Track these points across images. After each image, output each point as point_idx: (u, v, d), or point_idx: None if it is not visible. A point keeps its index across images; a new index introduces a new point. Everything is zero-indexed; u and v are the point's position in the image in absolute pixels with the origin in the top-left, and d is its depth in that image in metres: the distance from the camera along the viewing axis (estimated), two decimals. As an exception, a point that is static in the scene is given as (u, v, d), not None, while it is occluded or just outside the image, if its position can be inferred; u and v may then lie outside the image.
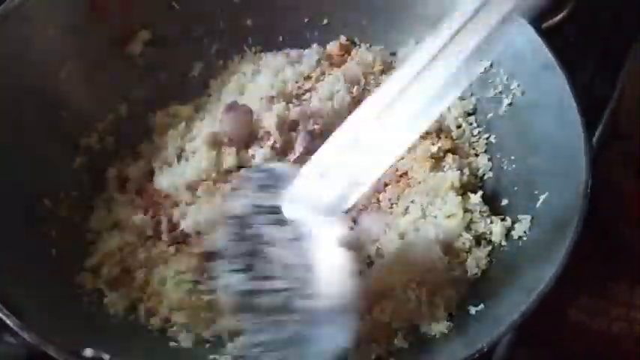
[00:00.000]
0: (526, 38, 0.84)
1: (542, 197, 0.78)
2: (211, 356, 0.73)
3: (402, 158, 0.84)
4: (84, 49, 0.88)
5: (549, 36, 0.83)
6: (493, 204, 0.85)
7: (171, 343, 0.74)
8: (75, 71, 0.87)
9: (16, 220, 0.75)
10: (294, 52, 0.99)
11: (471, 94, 0.94)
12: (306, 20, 1.01)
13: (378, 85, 0.90)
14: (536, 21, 0.84)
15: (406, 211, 0.82)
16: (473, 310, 0.73)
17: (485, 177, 0.89)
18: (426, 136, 0.87)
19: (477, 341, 0.64)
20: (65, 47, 0.86)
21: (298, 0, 0.99)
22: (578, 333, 0.85)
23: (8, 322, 0.58)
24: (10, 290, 0.63)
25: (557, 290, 0.66)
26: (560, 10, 0.88)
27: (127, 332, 0.73)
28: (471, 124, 0.93)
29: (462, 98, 0.94)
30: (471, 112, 0.94)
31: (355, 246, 0.63)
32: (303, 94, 0.92)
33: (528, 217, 0.79)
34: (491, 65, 0.91)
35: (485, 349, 0.62)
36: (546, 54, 0.82)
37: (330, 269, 0.60)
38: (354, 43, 1.01)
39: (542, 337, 0.82)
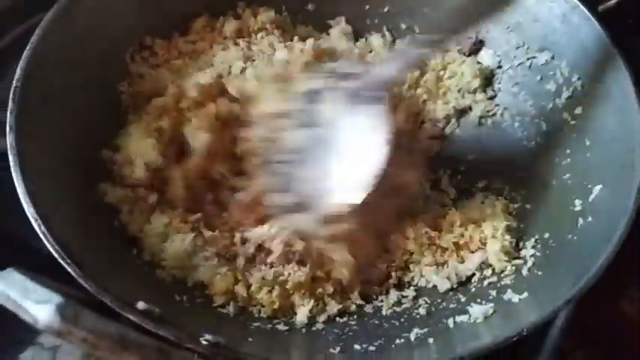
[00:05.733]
0: (590, 31, 0.84)
1: (595, 191, 0.77)
2: (254, 324, 0.75)
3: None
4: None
5: (607, 19, 0.82)
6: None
7: (219, 310, 0.77)
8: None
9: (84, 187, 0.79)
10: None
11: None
12: (367, 7, 1.02)
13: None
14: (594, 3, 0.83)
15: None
16: (516, 298, 0.73)
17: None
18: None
19: (517, 326, 0.64)
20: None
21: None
22: (630, 325, 0.84)
23: (69, 270, 0.62)
24: (75, 244, 0.66)
25: (608, 282, 0.66)
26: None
27: (176, 295, 0.76)
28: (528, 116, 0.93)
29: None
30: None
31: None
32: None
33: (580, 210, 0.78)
34: (552, 57, 0.90)
35: (525, 333, 0.62)
36: (610, 48, 0.81)
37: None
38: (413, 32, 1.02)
39: (593, 328, 0.82)
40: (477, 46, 0.98)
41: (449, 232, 0.82)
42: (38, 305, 0.52)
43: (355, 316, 0.78)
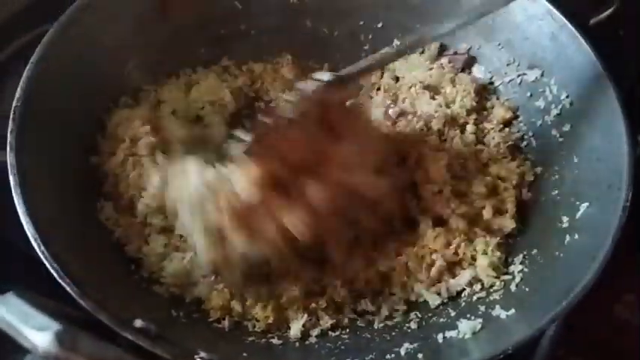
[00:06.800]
0: (577, 49, 0.86)
1: (582, 208, 0.79)
2: (249, 338, 0.77)
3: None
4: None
5: (598, 31, 0.84)
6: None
7: (215, 325, 0.78)
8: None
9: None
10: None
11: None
12: (361, 23, 1.04)
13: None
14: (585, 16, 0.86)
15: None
16: (504, 314, 0.74)
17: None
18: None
19: (504, 343, 0.66)
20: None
21: (354, 3, 1.03)
22: (625, 330, 0.86)
23: (68, 289, 0.63)
24: (74, 263, 0.67)
25: (603, 288, 0.68)
26: (609, 4, 0.89)
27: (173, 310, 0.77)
28: (518, 131, 0.94)
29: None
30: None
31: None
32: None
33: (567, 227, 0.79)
34: (542, 74, 0.92)
35: (510, 351, 0.64)
36: (597, 66, 0.83)
37: None
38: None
39: (588, 333, 0.84)
40: (469, 63, 0.99)
41: (443, 249, 0.83)
42: (37, 332, 0.54)
43: (348, 330, 0.79)
